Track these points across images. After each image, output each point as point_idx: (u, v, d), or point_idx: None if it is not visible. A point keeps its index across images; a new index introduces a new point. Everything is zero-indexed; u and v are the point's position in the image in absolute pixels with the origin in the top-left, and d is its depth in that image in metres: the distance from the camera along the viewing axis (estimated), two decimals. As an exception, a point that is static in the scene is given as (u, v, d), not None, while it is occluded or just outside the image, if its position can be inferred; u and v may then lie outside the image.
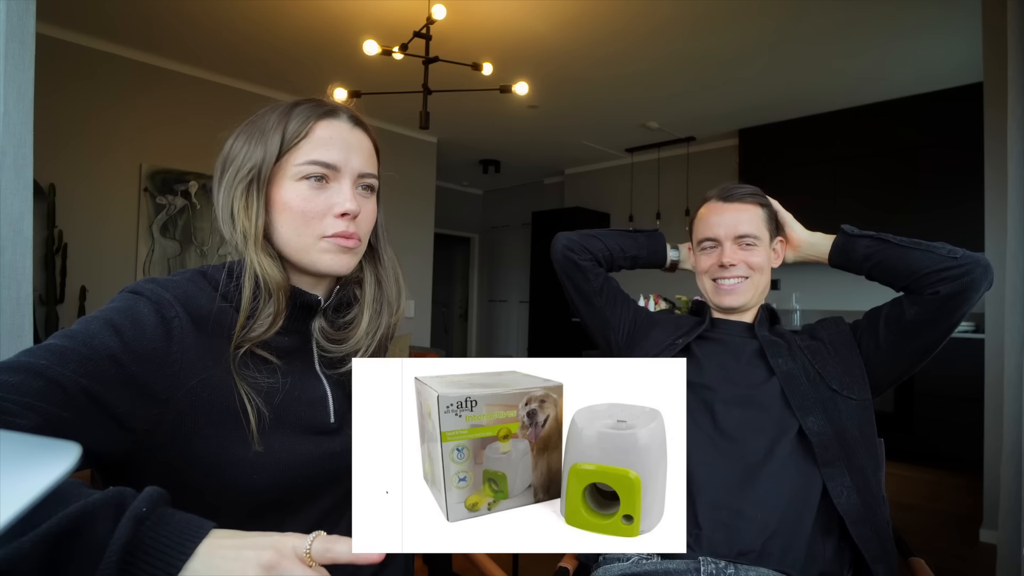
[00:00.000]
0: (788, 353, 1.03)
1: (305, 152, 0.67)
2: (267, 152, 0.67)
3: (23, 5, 1.04)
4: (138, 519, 0.42)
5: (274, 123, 0.68)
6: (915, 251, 0.97)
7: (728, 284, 1.08)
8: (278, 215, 0.68)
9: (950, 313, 0.93)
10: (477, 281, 7.66)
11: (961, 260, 0.93)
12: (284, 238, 0.68)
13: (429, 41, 2.91)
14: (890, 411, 3.95)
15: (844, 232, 1.06)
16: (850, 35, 3.27)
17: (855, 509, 0.89)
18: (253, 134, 0.69)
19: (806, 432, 0.93)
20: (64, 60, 3.46)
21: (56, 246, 3.29)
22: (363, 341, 0.74)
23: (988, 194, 2.48)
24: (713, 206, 1.11)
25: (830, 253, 1.08)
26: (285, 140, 0.67)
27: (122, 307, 0.59)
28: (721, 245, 1.08)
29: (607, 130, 5.15)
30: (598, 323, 1.22)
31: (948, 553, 2.39)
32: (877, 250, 1.01)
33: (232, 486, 0.61)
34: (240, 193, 0.67)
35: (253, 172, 0.67)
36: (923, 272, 0.95)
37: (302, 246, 0.68)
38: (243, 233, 0.66)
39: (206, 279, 0.67)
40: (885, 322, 0.99)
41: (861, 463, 0.92)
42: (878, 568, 0.88)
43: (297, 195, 0.67)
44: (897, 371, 1.01)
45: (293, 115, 0.68)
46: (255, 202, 0.67)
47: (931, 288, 0.93)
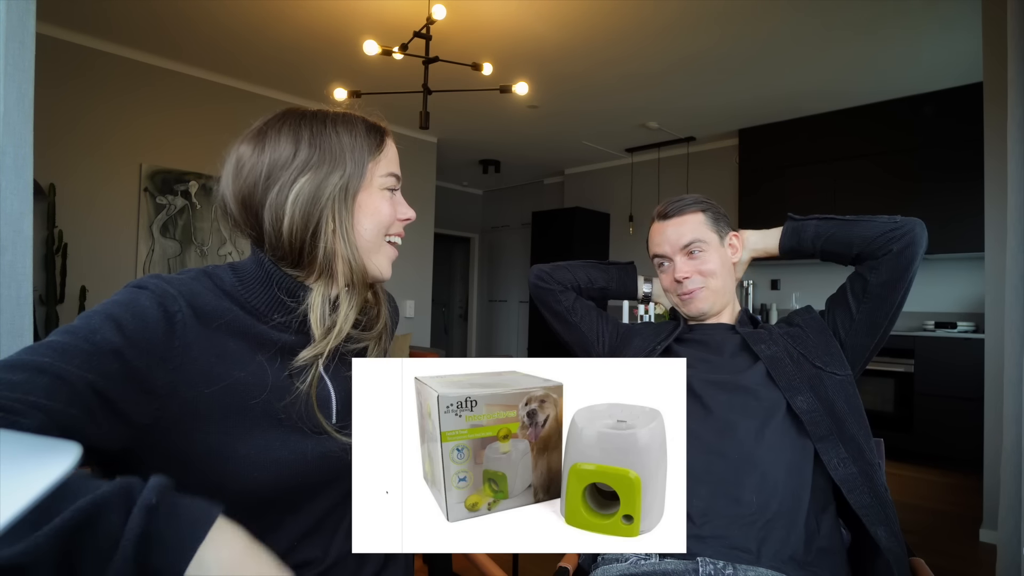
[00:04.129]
0: (769, 339, 1.07)
1: (386, 165, 0.76)
2: (356, 164, 0.73)
3: (23, 5, 1.04)
4: (149, 510, 0.43)
5: (361, 138, 0.74)
6: (860, 222, 1.07)
7: (688, 296, 1.13)
8: (364, 219, 0.74)
9: (905, 268, 1.02)
10: (477, 281, 7.66)
11: (900, 222, 1.04)
12: (365, 239, 0.74)
13: (429, 41, 2.92)
14: (890, 411, 3.95)
15: (791, 218, 1.15)
16: (850, 35, 3.27)
17: (852, 478, 0.92)
18: (323, 149, 0.71)
19: (796, 411, 0.96)
20: (64, 60, 3.46)
21: (56, 246, 3.29)
22: (380, 330, 0.79)
23: (988, 194, 2.48)
24: (656, 226, 1.17)
25: (781, 239, 1.15)
26: (371, 153, 0.75)
27: (123, 300, 0.59)
28: (672, 261, 1.14)
29: (607, 130, 5.15)
30: (577, 339, 1.27)
31: (948, 553, 2.39)
32: (826, 227, 1.10)
33: (232, 484, 0.61)
34: (328, 202, 0.70)
35: (343, 181, 0.71)
36: (873, 236, 1.04)
37: (376, 246, 0.75)
38: (327, 239, 0.70)
39: (211, 278, 0.68)
40: (852, 295, 1.07)
41: (852, 432, 0.95)
42: (878, 531, 0.89)
43: (384, 201, 0.76)
44: (875, 337, 1.07)
45: (371, 131, 0.76)
46: (343, 208, 0.72)
47: (884, 249, 1.03)
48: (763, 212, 4.61)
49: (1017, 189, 1.50)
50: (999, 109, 2.32)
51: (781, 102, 4.32)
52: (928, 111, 3.99)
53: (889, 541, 0.89)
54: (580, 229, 5.93)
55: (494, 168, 6.34)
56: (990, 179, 2.47)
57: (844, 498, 0.91)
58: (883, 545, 0.88)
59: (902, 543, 0.91)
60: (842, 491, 0.91)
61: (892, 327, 1.07)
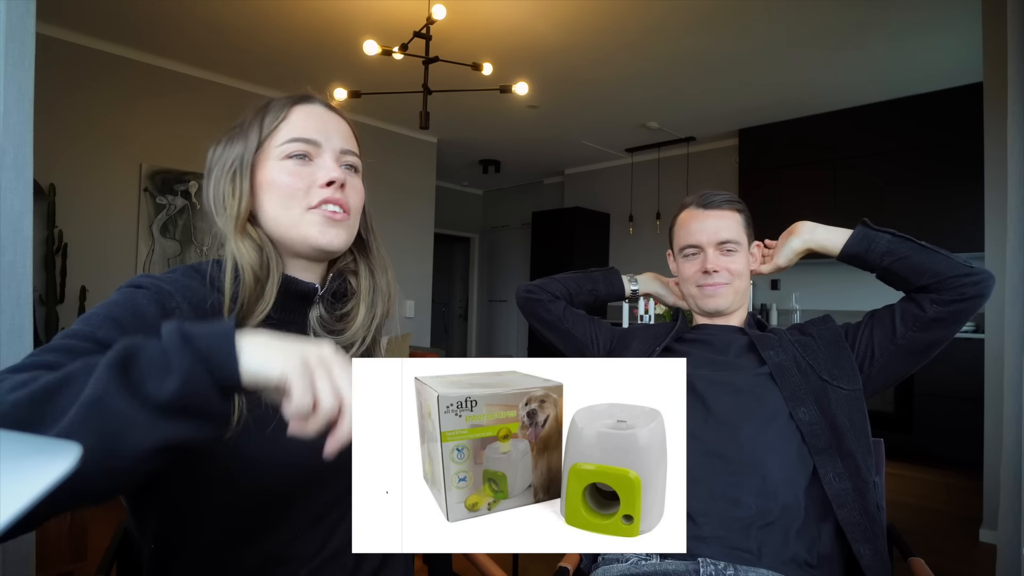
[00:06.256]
0: (779, 345, 1.05)
1: (285, 133, 0.70)
2: (247, 142, 0.70)
3: (23, 5, 1.04)
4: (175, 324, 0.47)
5: (251, 116, 0.72)
6: (938, 254, 1.01)
7: (712, 288, 1.11)
8: (264, 195, 0.70)
9: (966, 313, 0.99)
10: (477, 281, 7.66)
11: (977, 270, 0.99)
12: (272, 215, 0.70)
13: (429, 41, 2.92)
14: (890, 411, 3.95)
15: (865, 223, 1.07)
16: (850, 35, 3.27)
17: (845, 493, 0.91)
18: (234, 134, 0.73)
19: (796, 422, 0.96)
20: (64, 60, 3.46)
21: (56, 246, 3.29)
22: (360, 332, 0.75)
23: (988, 194, 2.48)
24: (693, 213, 1.14)
25: (848, 241, 1.07)
26: (264, 127, 0.71)
27: (121, 301, 0.59)
28: (704, 252, 1.11)
29: (607, 130, 5.15)
30: (571, 345, 1.27)
31: (948, 553, 2.39)
32: (901, 247, 1.03)
33: (237, 480, 0.62)
34: (227, 183, 0.69)
35: (236, 162, 0.70)
36: (949, 275, 0.99)
37: (291, 220, 0.69)
38: (231, 219, 0.68)
39: (200, 274, 0.68)
40: (902, 318, 1.02)
41: (851, 448, 0.94)
42: (862, 548, 0.89)
43: (282, 171, 0.69)
44: (907, 367, 1.04)
45: (270, 106, 0.72)
46: (239, 187, 0.69)
47: (957, 290, 0.98)
48: (763, 212, 4.60)
49: (1017, 189, 1.50)
50: (999, 109, 2.31)
51: (781, 102, 4.32)
52: (928, 111, 3.99)
53: (872, 559, 0.89)
54: (580, 229, 5.93)
55: (494, 168, 6.34)
56: (990, 179, 2.47)
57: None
58: (864, 563, 0.89)
59: (886, 563, 0.91)
60: (832, 506, 0.91)
61: (925, 362, 1.04)
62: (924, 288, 1.01)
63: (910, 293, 1.04)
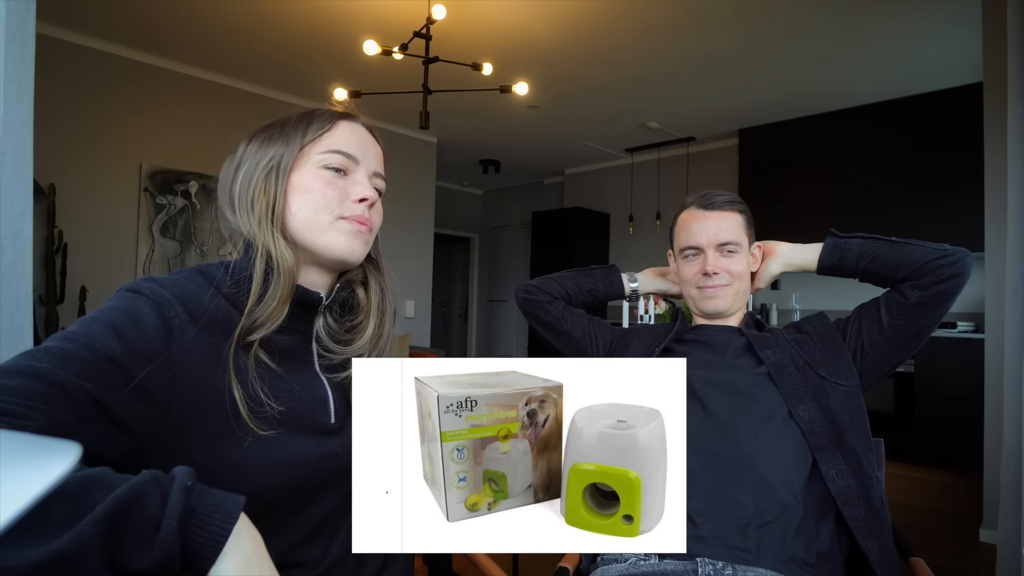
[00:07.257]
0: (776, 345, 1.06)
1: (328, 143, 0.72)
2: (288, 144, 0.71)
3: (23, 5, 1.04)
4: (187, 489, 0.46)
5: (294, 120, 0.73)
6: (909, 245, 1.04)
7: (712, 289, 1.11)
8: (297, 197, 0.70)
9: (948, 297, 1.00)
10: (477, 281, 7.65)
11: (951, 250, 1.01)
12: (300, 218, 0.70)
13: (429, 41, 2.92)
14: (890, 411, 3.95)
15: (833, 234, 1.11)
16: (850, 35, 3.27)
17: (848, 490, 0.91)
18: (272, 133, 0.73)
19: (796, 420, 0.96)
20: (65, 60, 3.46)
21: (56, 246, 3.29)
22: (366, 346, 0.76)
23: (988, 194, 2.48)
24: (694, 213, 1.14)
25: (821, 255, 1.11)
26: (308, 133, 0.72)
27: (122, 307, 0.59)
28: (704, 253, 1.11)
29: (607, 130, 5.15)
30: (570, 346, 1.26)
31: (948, 553, 2.39)
32: (871, 247, 1.06)
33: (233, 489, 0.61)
34: (260, 180, 0.70)
35: (274, 161, 0.70)
36: (924, 261, 1.01)
37: (320, 226, 0.70)
38: (259, 217, 0.68)
39: (205, 277, 0.67)
40: (887, 308, 1.04)
41: (852, 444, 0.95)
42: (869, 544, 0.89)
43: (318, 179, 0.71)
44: (899, 355, 1.05)
45: (315, 114, 0.74)
46: (274, 186, 0.69)
47: (934, 275, 1.00)
48: (763, 212, 4.61)
49: (1017, 189, 1.50)
50: (999, 109, 2.31)
51: (781, 102, 4.32)
52: (928, 111, 3.99)
53: (880, 555, 0.89)
54: (580, 229, 5.93)
55: (494, 168, 6.34)
56: (990, 179, 2.47)
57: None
58: (872, 559, 0.89)
59: (894, 557, 0.91)
60: (833, 504, 0.91)
61: (917, 348, 1.05)
62: (905, 279, 1.03)
63: (894, 286, 1.06)
